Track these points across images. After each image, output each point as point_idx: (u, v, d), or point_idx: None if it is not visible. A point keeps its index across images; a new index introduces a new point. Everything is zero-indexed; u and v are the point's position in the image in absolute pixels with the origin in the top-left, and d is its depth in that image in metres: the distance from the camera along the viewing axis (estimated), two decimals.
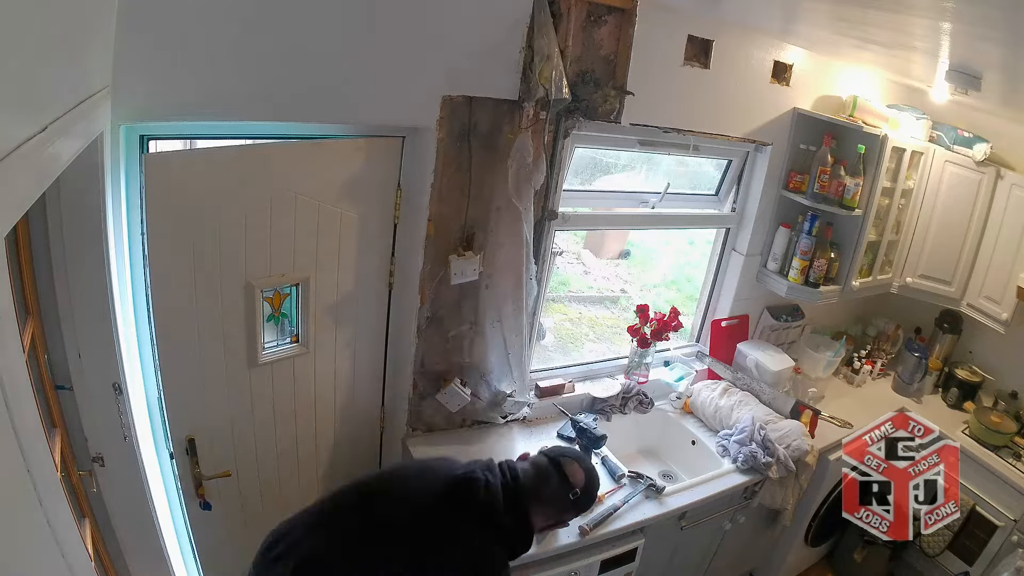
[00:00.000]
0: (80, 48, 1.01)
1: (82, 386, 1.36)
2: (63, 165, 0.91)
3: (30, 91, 0.72)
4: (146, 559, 1.60)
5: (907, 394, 3.08)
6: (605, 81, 2.02)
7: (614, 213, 2.64)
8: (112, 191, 1.36)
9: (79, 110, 0.95)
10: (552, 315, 4.64)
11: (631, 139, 2.26)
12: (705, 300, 2.92)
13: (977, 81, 1.86)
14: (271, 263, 1.80)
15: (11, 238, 1.10)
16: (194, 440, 1.82)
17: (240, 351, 1.83)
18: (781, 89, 2.48)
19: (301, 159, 1.77)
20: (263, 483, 2.03)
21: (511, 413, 2.37)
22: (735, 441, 2.42)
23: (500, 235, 2.04)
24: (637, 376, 2.63)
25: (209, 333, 1.75)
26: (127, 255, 1.54)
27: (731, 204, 2.75)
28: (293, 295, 1.91)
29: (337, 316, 2.00)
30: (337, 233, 1.90)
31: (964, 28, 1.35)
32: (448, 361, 2.18)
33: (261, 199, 1.72)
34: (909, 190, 2.74)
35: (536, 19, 1.80)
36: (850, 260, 2.65)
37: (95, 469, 1.43)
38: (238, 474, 1.94)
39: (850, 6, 1.50)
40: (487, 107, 1.87)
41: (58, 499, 0.80)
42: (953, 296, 2.84)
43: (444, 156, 1.87)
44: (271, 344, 1.91)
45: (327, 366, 2.05)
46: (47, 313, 1.29)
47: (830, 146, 2.52)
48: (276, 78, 1.53)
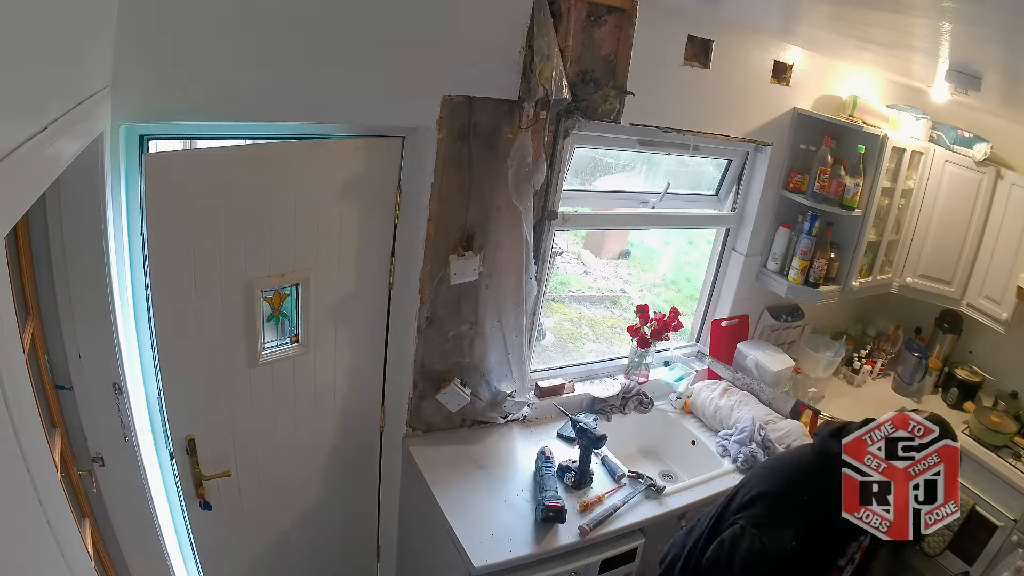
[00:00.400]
0: (80, 48, 1.01)
1: (82, 386, 1.36)
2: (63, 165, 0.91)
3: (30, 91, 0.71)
4: (146, 559, 1.60)
5: (907, 394, 3.08)
6: (605, 81, 2.02)
7: (614, 213, 2.64)
8: (112, 191, 1.36)
9: (79, 110, 0.95)
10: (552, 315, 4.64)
11: (631, 139, 2.26)
12: (705, 300, 2.92)
13: (977, 81, 1.86)
14: (271, 263, 1.80)
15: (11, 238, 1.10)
16: (194, 440, 1.82)
17: (240, 351, 1.83)
18: (781, 89, 2.48)
19: (301, 159, 1.77)
20: (263, 483, 2.03)
21: (511, 413, 2.37)
22: (735, 441, 2.42)
23: (500, 235, 2.04)
24: (637, 376, 2.63)
25: (209, 333, 1.75)
26: (127, 255, 1.54)
27: (731, 204, 2.75)
28: (293, 295, 1.91)
29: (337, 316, 2.00)
30: (337, 233, 1.90)
31: (964, 28, 1.35)
32: (448, 361, 2.18)
33: (261, 199, 1.72)
34: (909, 190, 2.73)
35: (536, 19, 1.80)
36: (850, 260, 2.65)
37: (95, 469, 1.43)
38: (238, 474, 1.94)
39: (850, 6, 1.50)
40: (487, 107, 1.87)
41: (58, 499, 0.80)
42: (953, 296, 2.84)
43: (444, 156, 1.87)
44: (271, 344, 1.91)
45: (327, 366, 2.05)
46: (47, 313, 1.29)
47: (830, 146, 2.52)
48: (276, 78, 1.53)
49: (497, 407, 2.31)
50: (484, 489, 2.06)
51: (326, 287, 1.95)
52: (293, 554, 2.21)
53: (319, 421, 2.11)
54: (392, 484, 2.34)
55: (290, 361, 1.95)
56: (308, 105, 1.61)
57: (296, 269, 1.86)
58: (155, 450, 1.73)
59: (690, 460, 2.54)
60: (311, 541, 2.25)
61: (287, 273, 1.85)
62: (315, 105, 1.63)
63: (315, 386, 2.05)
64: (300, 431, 2.07)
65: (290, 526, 2.17)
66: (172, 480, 1.80)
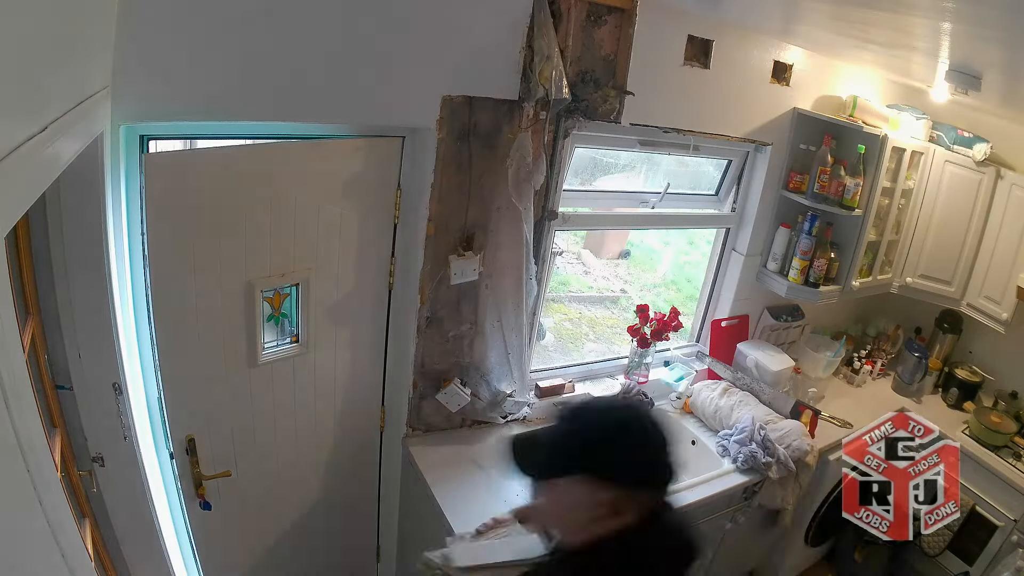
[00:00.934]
0: (80, 48, 1.01)
1: (82, 386, 1.36)
2: (63, 165, 0.91)
3: (30, 91, 0.71)
4: (146, 559, 1.60)
5: (907, 394, 3.08)
6: (605, 81, 2.02)
7: (614, 213, 2.64)
8: (112, 191, 1.36)
9: (79, 110, 0.95)
10: (552, 315, 4.64)
11: (631, 139, 2.26)
12: (705, 300, 2.92)
13: (977, 81, 1.86)
14: (271, 263, 1.80)
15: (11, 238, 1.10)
16: (194, 440, 1.82)
17: (240, 351, 1.83)
18: (781, 89, 2.48)
19: (301, 159, 1.77)
20: (263, 483, 2.03)
21: (511, 413, 2.37)
22: (735, 441, 2.42)
23: (500, 235, 2.04)
24: (637, 376, 2.63)
25: (209, 333, 1.75)
26: (127, 255, 1.54)
27: (731, 204, 2.75)
28: (293, 295, 1.91)
29: (337, 316, 2.00)
30: (337, 233, 1.90)
31: (964, 28, 1.35)
32: (448, 361, 2.18)
33: (261, 199, 1.72)
34: (909, 190, 2.74)
35: (536, 19, 1.80)
36: (850, 260, 2.65)
37: (95, 469, 1.43)
38: (238, 474, 1.94)
39: (850, 6, 1.50)
40: (487, 107, 1.87)
41: (58, 499, 0.80)
42: (953, 296, 2.84)
43: (444, 156, 1.87)
44: (271, 344, 1.91)
45: (327, 366, 2.05)
46: (47, 313, 1.29)
47: (830, 146, 2.52)
48: (276, 78, 1.52)
49: (497, 407, 2.31)
50: (484, 489, 2.06)
51: (326, 287, 1.94)
52: (293, 554, 2.21)
53: (319, 421, 2.11)
54: (392, 484, 2.34)
55: (290, 361, 1.95)
56: (308, 105, 1.61)
57: (296, 269, 1.85)
58: (155, 450, 1.73)
59: (690, 460, 2.54)
60: (311, 541, 2.25)
61: (287, 273, 1.84)
62: (315, 105, 1.62)
63: (315, 386, 2.04)
64: (300, 431, 2.07)
65: (290, 526, 2.17)
66: (172, 480, 1.81)
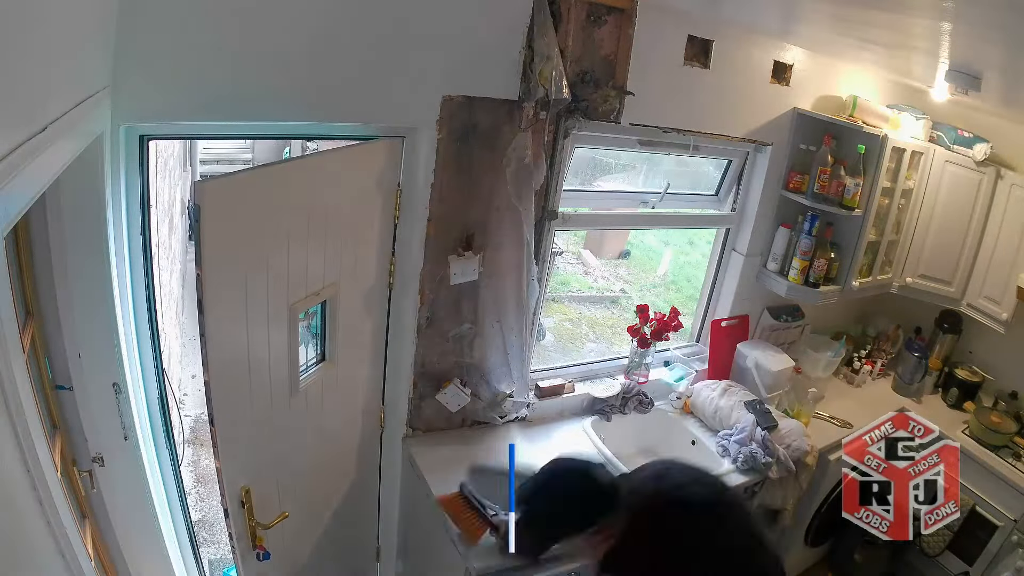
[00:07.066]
0: (80, 48, 1.01)
1: (82, 386, 1.37)
2: (63, 165, 0.91)
3: (30, 91, 0.72)
4: (146, 559, 1.60)
5: (907, 394, 3.08)
6: (605, 81, 2.02)
7: (614, 213, 2.64)
8: (112, 191, 1.37)
9: (79, 110, 0.96)
10: (552, 315, 4.64)
11: (631, 139, 2.26)
12: (705, 300, 2.92)
13: (977, 81, 1.86)
14: (308, 281, 1.70)
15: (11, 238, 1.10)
16: (250, 491, 1.63)
17: (283, 382, 1.71)
18: (781, 89, 2.48)
19: (335, 165, 1.71)
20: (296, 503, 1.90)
21: (511, 413, 2.37)
22: (735, 441, 2.42)
23: (500, 235, 2.04)
24: (637, 376, 2.63)
25: (259, 373, 1.62)
26: (127, 255, 1.54)
27: (731, 204, 2.75)
28: (318, 312, 1.86)
29: (349, 324, 1.97)
30: (352, 239, 1.88)
31: (964, 28, 1.35)
32: (448, 361, 2.18)
33: (295, 216, 1.62)
34: (909, 190, 2.73)
35: (536, 19, 1.80)
36: (850, 260, 2.65)
37: (95, 469, 1.43)
38: (292, 511, 1.79)
39: (850, 6, 1.50)
40: (487, 107, 1.87)
41: (58, 499, 0.80)
42: (953, 296, 2.84)
43: (444, 156, 1.87)
44: (302, 367, 1.82)
45: (346, 376, 2.01)
46: (47, 313, 1.29)
47: (830, 146, 2.52)
48: (276, 79, 1.53)
49: (497, 407, 2.31)
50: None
51: (349, 298, 1.88)
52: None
53: (332, 429, 2.08)
54: (392, 484, 2.34)
55: (319, 381, 1.88)
56: (308, 105, 1.61)
57: (327, 285, 1.77)
58: (155, 450, 1.73)
59: (690, 460, 2.54)
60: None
61: (321, 291, 1.76)
62: (315, 105, 1.62)
63: (338, 399, 2.01)
64: (320, 442, 2.02)
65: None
66: (172, 480, 1.80)
